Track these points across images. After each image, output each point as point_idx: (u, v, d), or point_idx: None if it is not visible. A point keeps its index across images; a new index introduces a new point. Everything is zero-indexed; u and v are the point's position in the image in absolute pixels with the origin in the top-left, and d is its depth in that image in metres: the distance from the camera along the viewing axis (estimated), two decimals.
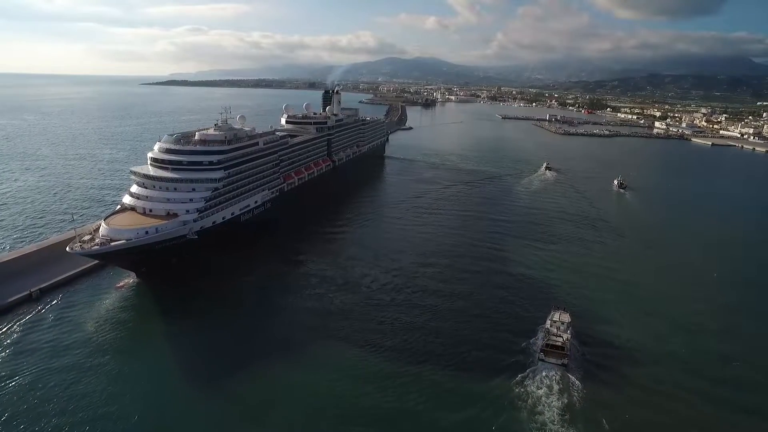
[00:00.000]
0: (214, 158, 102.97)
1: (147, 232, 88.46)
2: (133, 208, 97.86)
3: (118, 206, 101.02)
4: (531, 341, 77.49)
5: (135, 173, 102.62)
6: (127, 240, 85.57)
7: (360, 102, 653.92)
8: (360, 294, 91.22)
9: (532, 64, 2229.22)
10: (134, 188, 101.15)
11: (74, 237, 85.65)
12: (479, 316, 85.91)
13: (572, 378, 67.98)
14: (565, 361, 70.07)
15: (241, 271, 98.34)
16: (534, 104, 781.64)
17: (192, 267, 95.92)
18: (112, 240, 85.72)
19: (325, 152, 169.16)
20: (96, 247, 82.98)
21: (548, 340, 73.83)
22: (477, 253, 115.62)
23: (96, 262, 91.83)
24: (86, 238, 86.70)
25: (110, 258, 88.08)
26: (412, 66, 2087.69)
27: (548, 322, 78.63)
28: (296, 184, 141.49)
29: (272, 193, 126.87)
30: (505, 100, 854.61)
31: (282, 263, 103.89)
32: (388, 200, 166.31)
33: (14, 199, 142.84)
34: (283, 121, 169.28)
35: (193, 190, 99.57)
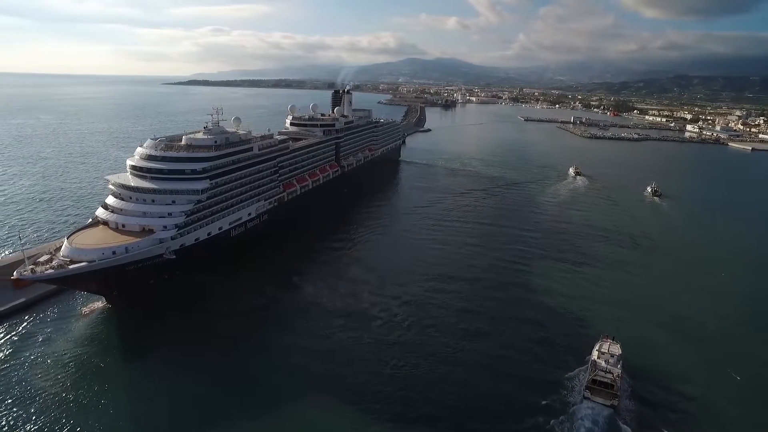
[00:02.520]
0: (198, 166, 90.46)
1: (114, 252, 76.32)
2: (106, 223, 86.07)
3: (89, 220, 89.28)
4: (572, 375, 66.85)
5: (111, 182, 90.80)
6: (89, 262, 73.49)
7: (378, 102, 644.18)
8: (363, 330, 77.54)
9: (553, 65, 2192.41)
10: (109, 199, 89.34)
11: (23, 260, 73.42)
12: (505, 347, 74.57)
13: (623, 425, 57.72)
14: (615, 402, 59.80)
15: (227, 296, 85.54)
16: (557, 106, 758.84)
17: (171, 290, 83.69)
18: (72, 261, 73.79)
19: (333, 157, 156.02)
20: (50, 270, 71.02)
21: (595, 374, 62.87)
22: (499, 273, 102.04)
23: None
24: (44, 258, 75.00)
25: (71, 282, 76.10)
26: (433, 67, 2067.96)
27: (595, 353, 68.17)
28: (298, 192, 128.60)
29: (269, 203, 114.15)
30: (527, 102, 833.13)
31: (275, 287, 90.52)
32: (400, 210, 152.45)
33: None
34: (287, 122, 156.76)
35: (173, 202, 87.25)
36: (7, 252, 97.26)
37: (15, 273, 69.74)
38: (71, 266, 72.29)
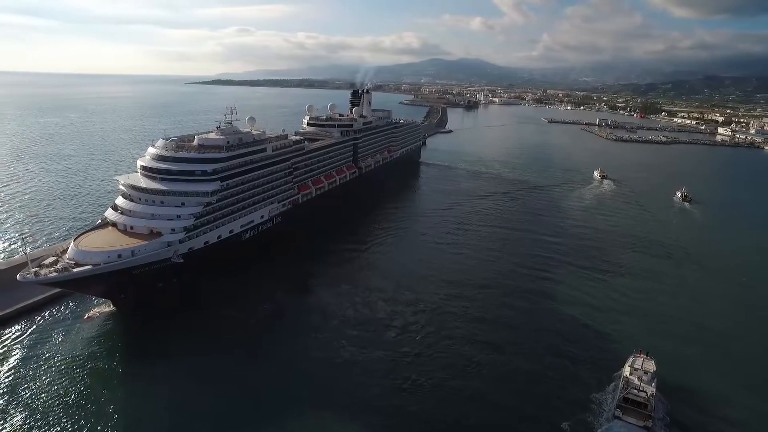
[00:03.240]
0: (209, 167, 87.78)
1: (120, 256, 74.02)
2: (114, 224, 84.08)
3: (99, 221, 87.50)
4: (600, 392, 62.94)
5: (121, 183, 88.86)
6: (93, 265, 71.31)
7: (400, 103, 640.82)
8: (377, 341, 73.76)
9: (578, 66, 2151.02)
10: (119, 200, 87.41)
11: (26, 262, 71.43)
12: (527, 361, 70.78)
13: None
14: (649, 423, 55.63)
15: (236, 301, 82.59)
16: (582, 107, 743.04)
17: (179, 294, 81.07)
18: (78, 264, 71.75)
19: (351, 158, 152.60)
20: (54, 274, 69.01)
21: (627, 392, 58.50)
22: (520, 281, 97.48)
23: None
24: (49, 260, 73.15)
25: (76, 286, 74.01)
26: (456, 67, 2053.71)
27: (627, 369, 63.76)
28: (313, 194, 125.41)
29: (283, 205, 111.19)
30: (551, 103, 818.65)
31: (287, 293, 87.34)
32: (418, 213, 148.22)
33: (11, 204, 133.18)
34: (305, 123, 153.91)
35: (182, 204, 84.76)
36: (20, 252, 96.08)
37: (18, 276, 67.74)
38: (75, 270, 70.19)
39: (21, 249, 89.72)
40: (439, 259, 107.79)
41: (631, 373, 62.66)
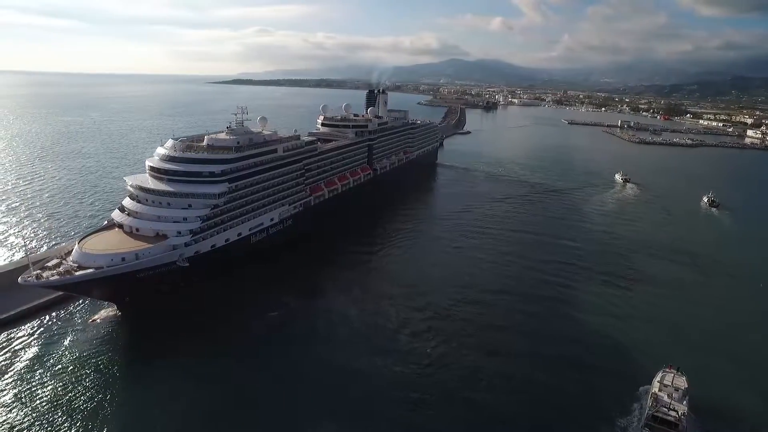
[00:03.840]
0: (216, 168, 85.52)
1: (124, 259, 72.13)
2: (121, 226, 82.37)
3: (105, 222, 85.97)
4: (624, 410, 59.39)
5: (129, 184, 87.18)
6: (96, 269, 69.49)
7: (418, 103, 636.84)
8: (387, 351, 70.38)
9: (599, 67, 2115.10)
10: (126, 201, 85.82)
11: (28, 265, 69.92)
12: (545, 374, 66.79)
13: None
14: None
15: (244, 307, 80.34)
16: (603, 109, 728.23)
17: (185, 299, 78.98)
18: (81, 267, 70.05)
19: (365, 159, 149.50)
20: (55, 277, 67.30)
21: (656, 410, 54.66)
22: (538, 289, 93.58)
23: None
24: (52, 262, 71.58)
25: (79, 289, 72.36)
26: (475, 68, 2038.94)
27: (655, 385, 59.84)
28: (326, 196, 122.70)
29: (294, 208, 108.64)
30: (571, 104, 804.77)
31: (296, 297, 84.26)
32: (434, 216, 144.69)
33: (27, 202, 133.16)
34: (319, 123, 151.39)
35: (189, 206, 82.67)
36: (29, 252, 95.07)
37: (19, 279, 66.15)
38: (77, 273, 68.55)
39: (39, 248, 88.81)
40: (454, 263, 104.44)
41: (660, 390, 58.75)
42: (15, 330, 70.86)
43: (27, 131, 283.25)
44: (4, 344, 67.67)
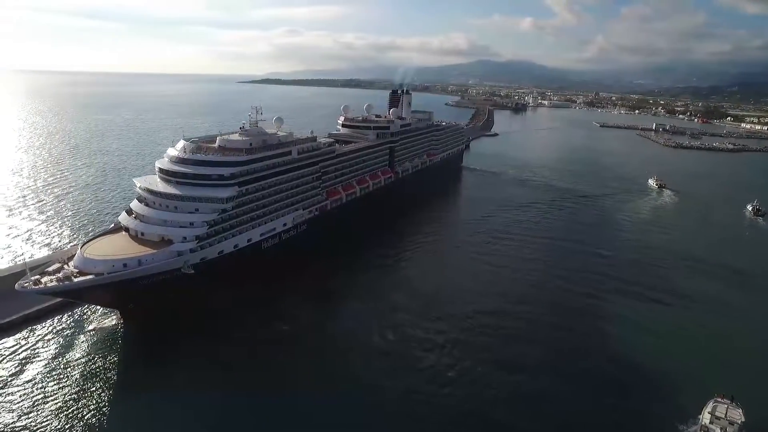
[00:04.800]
0: (226, 171, 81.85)
1: (126, 265, 69.00)
2: (127, 229, 79.57)
3: (112, 225, 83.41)
4: None
5: (137, 185, 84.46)
6: (96, 275, 66.54)
7: (446, 104, 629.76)
8: (401, 374, 65.08)
9: (633, 68, 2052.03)
10: (134, 204, 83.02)
11: (36, 267, 67.70)
12: (575, 403, 60.83)
13: None
14: None
15: (251, 318, 76.11)
16: (637, 111, 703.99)
17: (192, 307, 75.24)
18: (81, 272, 67.24)
19: (387, 162, 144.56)
20: (53, 283, 64.55)
21: None
22: (565, 305, 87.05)
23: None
24: (53, 267, 69.02)
25: (80, 295, 69.57)
26: (504, 69, 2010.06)
27: (706, 416, 54.08)
28: (344, 201, 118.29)
29: (310, 212, 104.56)
30: (603, 107, 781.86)
31: (306, 309, 79.97)
32: (456, 222, 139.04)
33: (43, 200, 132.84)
34: (339, 124, 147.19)
35: (196, 210, 79.24)
36: (32, 255, 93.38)
37: (16, 285, 63.56)
38: (76, 279, 65.71)
39: (29, 254, 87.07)
40: (475, 272, 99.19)
41: (711, 422, 53.00)
42: (12, 337, 68.48)
43: (63, 129, 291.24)
44: (0, 351, 65.34)
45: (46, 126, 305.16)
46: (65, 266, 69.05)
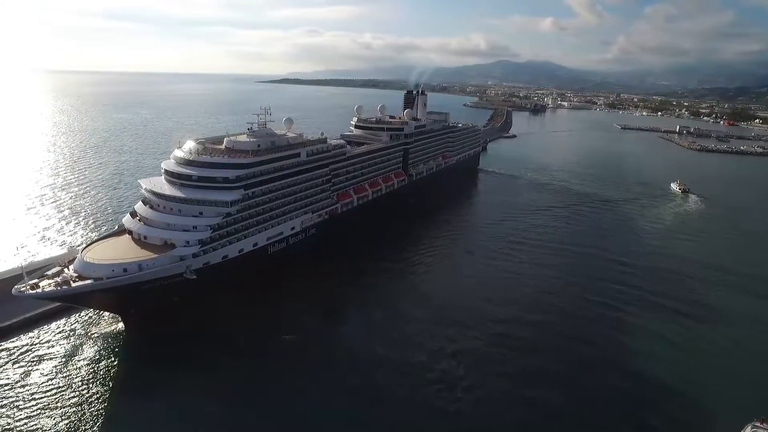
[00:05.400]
0: (231, 173, 79.51)
1: (126, 270, 67.00)
2: (131, 232, 77.77)
3: (116, 227, 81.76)
4: None
5: (143, 187, 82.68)
6: (95, 279, 64.66)
7: (464, 105, 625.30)
8: (408, 393, 61.36)
9: (656, 69, 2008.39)
10: (138, 206, 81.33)
11: (35, 270, 66.16)
12: (598, 426, 57.09)
13: None
14: None
15: (255, 327, 73.58)
16: (659, 113, 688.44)
17: (194, 313, 73.17)
18: (81, 277, 65.44)
19: (400, 164, 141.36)
20: (50, 288, 62.80)
21: None
22: (584, 317, 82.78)
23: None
24: (53, 270, 67.39)
25: (79, 300, 67.84)
26: (524, 69, 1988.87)
27: None
28: (355, 204, 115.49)
29: (319, 216, 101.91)
30: (625, 108, 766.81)
31: (313, 318, 77.32)
32: (470, 226, 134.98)
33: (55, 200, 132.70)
34: (352, 125, 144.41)
35: (200, 214, 77.07)
36: (37, 256, 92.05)
37: (13, 290, 61.91)
38: (75, 284, 63.90)
39: (35, 256, 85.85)
40: (489, 283, 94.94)
41: None
42: (11, 341, 66.93)
43: (83, 127, 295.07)
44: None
45: (69, 124, 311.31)
46: (65, 270, 67.40)
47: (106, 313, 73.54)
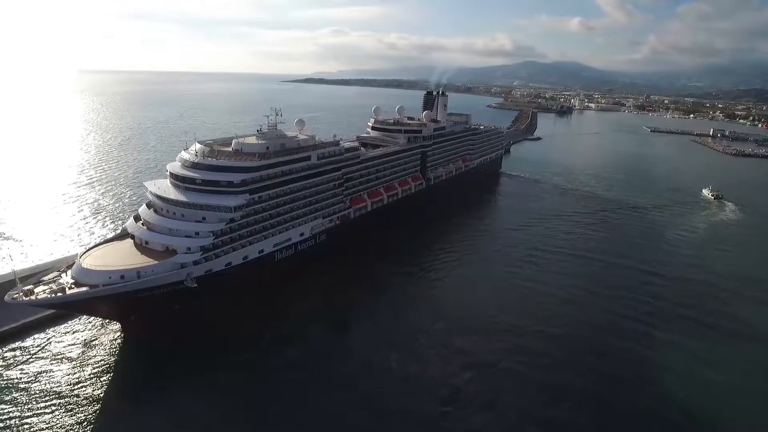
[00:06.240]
0: (236, 177, 76.24)
1: (123, 277, 64.26)
2: (133, 237, 75.29)
3: (119, 231, 79.48)
4: None
5: (148, 190, 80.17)
6: (91, 287, 62.08)
7: (488, 106, 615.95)
8: (417, 406, 57.99)
9: (688, 70, 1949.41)
10: (142, 209, 78.88)
11: (34, 274, 64.07)
12: None
13: None
14: None
15: (258, 339, 69.99)
16: (691, 116, 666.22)
17: (196, 321, 70.28)
18: (77, 283, 62.98)
19: (418, 168, 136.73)
20: (44, 295, 60.43)
21: None
22: (608, 334, 77.21)
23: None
24: (51, 275, 65.26)
25: (74, 308, 65.44)
26: (550, 70, 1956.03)
27: None
28: (369, 209, 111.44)
29: (330, 221, 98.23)
30: (654, 110, 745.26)
31: (319, 330, 73.58)
32: (490, 233, 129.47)
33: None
34: (368, 126, 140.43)
35: (203, 219, 74.00)
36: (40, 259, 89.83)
37: (6, 297, 59.64)
38: (69, 291, 61.35)
39: (38, 259, 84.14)
40: (506, 292, 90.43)
41: None
42: (8, 347, 65.03)
43: (110, 126, 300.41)
44: None
45: (99, 122, 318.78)
46: (63, 275, 65.13)
47: (106, 320, 71.02)
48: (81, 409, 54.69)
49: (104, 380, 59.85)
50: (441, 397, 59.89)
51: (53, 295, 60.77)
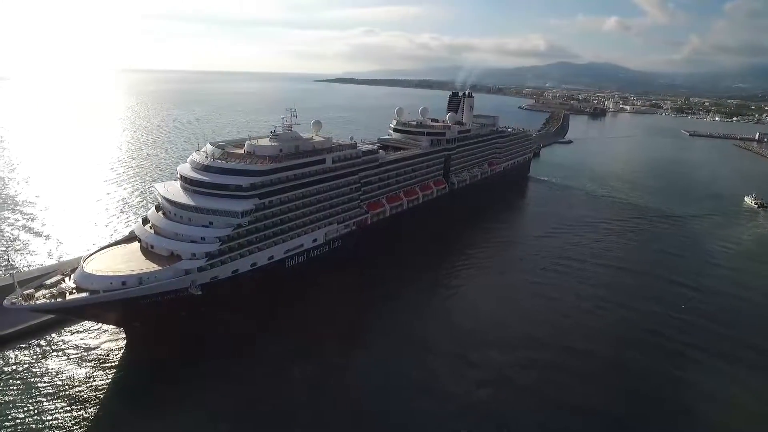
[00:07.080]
0: (245, 181, 73.36)
1: (124, 283, 62.09)
2: (140, 240, 73.38)
3: (127, 234, 77.74)
4: None
5: (158, 192, 78.22)
6: (92, 292, 60.08)
7: (519, 107, 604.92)
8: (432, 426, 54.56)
9: (732, 71, 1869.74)
10: (150, 212, 76.94)
11: (36, 277, 62.56)
12: None
13: None
14: None
15: (264, 354, 66.91)
16: (735, 119, 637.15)
17: (201, 330, 67.89)
18: (79, 288, 61.13)
19: (441, 172, 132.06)
20: (43, 300, 58.67)
21: None
22: (639, 354, 71.53)
23: None
24: (53, 279, 63.55)
25: (74, 313, 63.66)
26: (584, 71, 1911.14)
27: None
28: (387, 214, 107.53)
29: (346, 227, 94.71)
30: (694, 113, 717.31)
31: (330, 344, 69.26)
32: (514, 242, 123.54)
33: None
34: (390, 128, 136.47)
35: (210, 224, 71.38)
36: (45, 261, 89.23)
37: (5, 302, 58.07)
38: (69, 297, 59.52)
39: (42, 261, 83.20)
40: (528, 305, 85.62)
41: None
42: (10, 351, 63.67)
43: (139, 124, 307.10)
44: None
45: (132, 120, 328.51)
46: (65, 280, 63.43)
47: (109, 326, 69.18)
48: (82, 413, 53.32)
49: (106, 386, 58.39)
50: (452, 414, 56.40)
51: (53, 300, 59.07)
